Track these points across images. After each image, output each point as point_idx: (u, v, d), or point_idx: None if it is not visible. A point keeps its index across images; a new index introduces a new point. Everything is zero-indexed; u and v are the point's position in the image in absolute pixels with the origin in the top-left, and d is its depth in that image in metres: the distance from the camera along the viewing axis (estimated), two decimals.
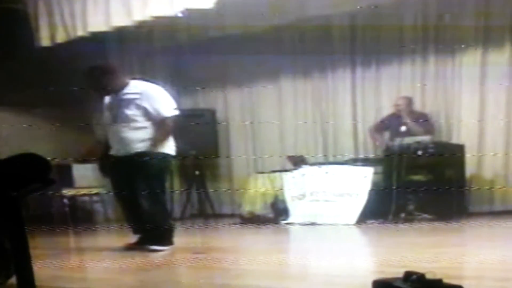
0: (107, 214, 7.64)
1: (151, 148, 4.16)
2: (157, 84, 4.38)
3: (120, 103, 4.23)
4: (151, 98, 4.18)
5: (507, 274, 2.79)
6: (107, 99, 4.38)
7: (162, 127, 4.18)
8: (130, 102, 4.20)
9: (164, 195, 4.40)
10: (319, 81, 7.45)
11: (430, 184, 5.75)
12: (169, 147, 4.29)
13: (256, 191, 6.70)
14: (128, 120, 4.18)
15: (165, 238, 4.28)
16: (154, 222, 4.24)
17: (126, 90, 4.26)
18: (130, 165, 4.16)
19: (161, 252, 4.14)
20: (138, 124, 4.18)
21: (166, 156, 4.27)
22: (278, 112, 7.64)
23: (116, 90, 4.27)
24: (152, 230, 4.26)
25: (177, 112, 4.26)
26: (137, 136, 4.19)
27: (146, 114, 4.17)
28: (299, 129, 7.53)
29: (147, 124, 4.18)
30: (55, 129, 7.32)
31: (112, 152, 4.36)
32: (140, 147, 4.18)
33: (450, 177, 5.92)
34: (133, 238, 4.46)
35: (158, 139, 4.17)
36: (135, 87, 4.27)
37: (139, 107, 4.18)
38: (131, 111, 4.18)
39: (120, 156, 4.26)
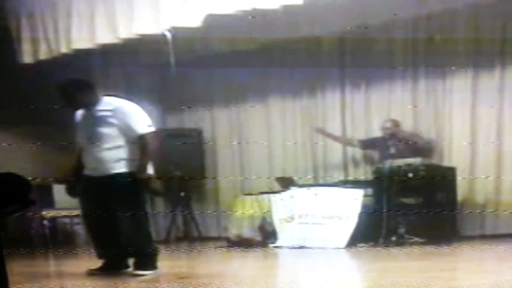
0: (89, 237, 7.45)
1: (134, 168, 4.01)
2: (132, 100, 4.26)
3: (93, 121, 4.10)
4: (123, 115, 4.04)
5: None
6: (79, 116, 4.23)
7: (140, 145, 4.02)
8: (102, 119, 4.08)
9: (144, 217, 4.22)
10: (308, 101, 7.42)
11: (421, 207, 5.70)
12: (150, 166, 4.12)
13: (243, 213, 6.58)
14: (101, 138, 4.05)
15: (148, 262, 4.12)
16: (135, 246, 4.10)
17: (98, 107, 4.13)
18: (106, 186, 4.02)
19: (145, 277, 3.98)
20: (112, 143, 4.03)
21: (149, 175, 4.10)
22: (266, 133, 7.58)
23: (87, 106, 4.14)
24: (135, 255, 4.12)
25: (152, 129, 4.09)
26: (112, 155, 4.04)
27: (120, 132, 4.03)
28: (287, 150, 7.46)
29: (121, 142, 4.03)
30: (35, 148, 7.18)
31: (86, 172, 4.21)
32: (116, 167, 4.03)
33: (441, 200, 5.88)
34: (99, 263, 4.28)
35: (140, 159, 4.02)
36: (108, 104, 4.14)
37: (111, 124, 4.04)
38: (103, 129, 4.04)
39: (95, 176, 4.11)
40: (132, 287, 3.70)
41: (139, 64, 7.36)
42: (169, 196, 7.55)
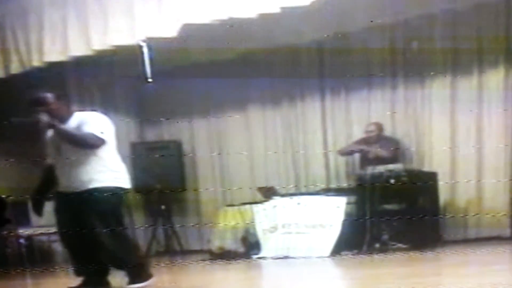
0: (67, 255, 7.28)
1: (97, 182, 3.94)
2: (107, 113, 4.21)
3: (61, 136, 4.00)
4: (83, 126, 3.97)
5: None
6: (49, 132, 4.11)
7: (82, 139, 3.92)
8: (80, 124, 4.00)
9: (123, 230, 4.13)
10: (288, 109, 7.40)
11: (404, 213, 5.68)
12: (121, 180, 4.06)
13: (225, 225, 6.51)
14: (69, 153, 3.96)
15: (140, 273, 4.05)
16: (119, 260, 4.03)
17: (68, 122, 4.05)
18: (80, 203, 3.95)
19: None
20: (80, 157, 3.95)
21: (118, 189, 4.03)
22: (247, 142, 7.53)
23: (62, 120, 4.04)
24: (125, 269, 4.06)
25: (103, 136, 3.97)
26: (81, 170, 3.96)
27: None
28: (269, 160, 7.42)
29: (85, 156, 3.96)
30: (9, 165, 7.00)
31: (60, 189, 4.11)
32: (86, 181, 3.95)
33: (423, 205, 5.88)
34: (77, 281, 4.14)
35: (71, 134, 3.91)
36: (76, 118, 4.06)
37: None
38: (68, 144, 3.95)
39: (68, 192, 4.02)
40: None
41: (114, 75, 7.27)
42: (150, 209, 7.47)
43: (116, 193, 4.01)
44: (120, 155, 4.19)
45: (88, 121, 4.00)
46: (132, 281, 4.02)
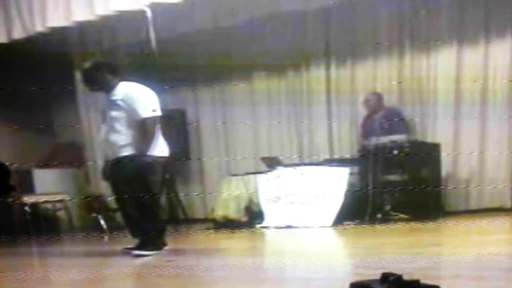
0: (72, 222, 7.36)
1: (134, 151, 4.13)
2: (146, 85, 4.32)
3: (108, 105, 4.23)
4: (130, 100, 4.15)
5: (483, 272, 2.76)
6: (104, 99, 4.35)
7: (140, 129, 4.12)
8: (114, 103, 4.20)
9: (151, 199, 4.26)
10: (293, 79, 7.35)
11: (406, 184, 5.72)
12: (158, 149, 4.22)
13: (229, 195, 6.57)
14: (112, 122, 4.18)
15: (151, 243, 4.22)
16: (141, 228, 4.22)
17: (114, 91, 4.23)
18: (117, 169, 4.16)
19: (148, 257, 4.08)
20: (120, 127, 4.15)
21: (156, 158, 4.20)
22: (251, 112, 7.50)
23: (106, 90, 4.26)
24: (141, 236, 4.25)
25: (157, 114, 4.19)
26: (119, 139, 4.16)
27: (127, 116, 4.15)
28: (273, 129, 7.42)
29: (127, 126, 4.15)
30: (12, 132, 7.01)
31: (106, 156, 4.35)
32: (123, 150, 4.14)
33: (426, 176, 5.90)
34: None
35: (138, 142, 4.15)
36: (122, 89, 4.24)
37: (120, 108, 4.16)
38: (114, 113, 4.17)
39: (109, 159, 4.25)
40: (119, 271, 3.68)
41: (117, 42, 7.21)
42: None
43: (150, 161, 4.15)
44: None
45: (138, 99, 4.15)
46: (143, 248, 4.17)
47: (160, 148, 4.27)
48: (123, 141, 4.15)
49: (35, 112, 6.70)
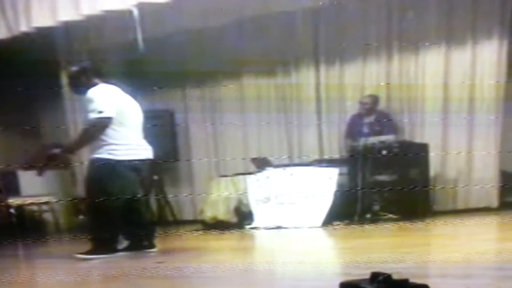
0: (58, 224, 7.31)
1: (66, 149, 4.26)
2: (118, 85, 4.36)
3: (84, 106, 4.25)
4: (87, 101, 4.17)
5: (471, 271, 2.78)
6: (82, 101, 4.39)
7: (87, 130, 4.18)
8: (84, 104, 4.22)
9: (120, 201, 4.24)
10: (282, 79, 7.36)
11: (395, 184, 5.76)
12: (111, 152, 4.19)
13: (218, 196, 6.57)
14: (82, 124, 4.32)
15: (103, 246, 4.24)
16: (104, 230, 4.24)
17: (88, 93, 4.22)
18: (88, 171, 4.24)
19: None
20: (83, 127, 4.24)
21: (108, 160, 4.18)
22: (240, 113, 7.49)
23: (81, 92, 4.28)
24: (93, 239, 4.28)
25: (103, 115, 4.14)
26: (83, 140, 4.23)
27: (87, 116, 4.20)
28: (262, 130, 7.43)
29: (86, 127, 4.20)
30: None
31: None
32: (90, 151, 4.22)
33: (414, 176, 5.95)
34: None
35: (72, 141, 4.28)
36: (93, 90, 4.23)
37: (85, 109, 4.20)
38: (84, 115, 4.22)
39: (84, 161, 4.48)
40: (107, 272, 3.66)
41: (104, 42, 7.17)
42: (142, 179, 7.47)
43: (108, 164, 4.14)
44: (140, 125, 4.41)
45: (91, 100, 4.15)
46: (89, 252, 4.20)
47: (132, 152, 4.28)
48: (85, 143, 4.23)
49: (21, 113, 6.63)
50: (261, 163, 6.62)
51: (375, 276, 1.70)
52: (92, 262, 4.12)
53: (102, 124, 4.13)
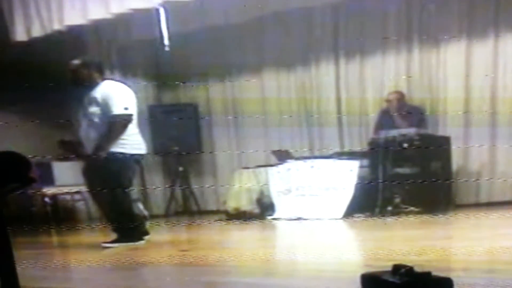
0: (90, 213, 7.54)
1: (100, 146, 4.25)
2: (127, 83, 4.49)
3: (89, 101, 4.32)
4: (106, 97, 4.26)
5: (494, 265, 2.77)
6: (84, 95, 4.42)
7: (110, 126, 4.25)
8: (94, 100, 4.31)
9: (124, 194, 4.36)
10: (303, 74, 7.38)
11: (417, 177, 5.73)
12: (131, 146, 4.33)
13: (241, 187, 6.63)
14: (91, 117, 4.29)
15: (125, 235, 4.36)
16: (113, 221, 4.42)
17: (96, 88, 4.33)
18: (95, 164, 4.27)
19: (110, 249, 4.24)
20: (97, 122, 4.27)
21: (126, 155, 4.31)
22: (262, 106, 7.55)
23: (89, 87, 4.35)
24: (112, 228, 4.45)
25: (128, 112, 4.28)
26: (95, 135, 4.28)
27: (101, 112, 4.27)
28: (283, 123, 7.46)
29: (102, 122, 4.27)
30: (33, 126, 7.19)
31: (85, 150, 4.43)
32: (98, 146, 4.25)
33: (436, 169, 5.90)
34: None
35: (105, 138, 4.25)
36: (103, 86, 4.35)
37: (98, 104, 4.27)
38: (93, 109, 4.29)
39: (88, 154, 4.34)
40: (135, 259, 3.75)
41: (132, 39, 7.30)
42: (168, 171, 7.60)
43: (120, 158, 4.26)
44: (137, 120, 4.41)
45: (112, 97, 4.24)
46: (113, 240, 4.34)
47: (136, 146, 4.38)
48: (98, 137, 4.27)
49: (54, 107, 6.85)
50: (282, 156, 6.66)
51: (397, 268, 1.71)
52: (119, 249, 4.24)
53: (127, 120, 4.26)
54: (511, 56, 6.23)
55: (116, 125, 4.24)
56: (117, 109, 4.23)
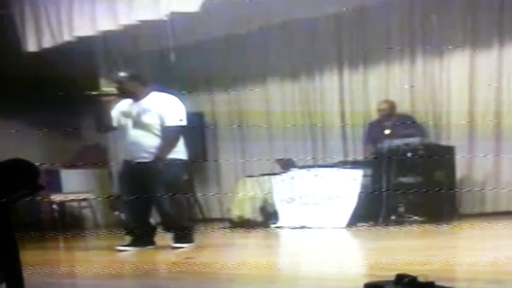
0: (96, 220, 7.60)
1: (159, 155, 4.47)
2: (174, 95, 4.72)
3: (139, 112, 4.54)
4: (162, 109, 4.51)
5: (499, 276, 2.77)
6: (126, 106, 4.63)
7: (166, 136, 4.49)
8: (147, 111, 4.54)
9: (181, 197, 4.69)
10: (307, 83, 7.42)
11: (420, 186, 5.72)
12: (182, 153, 4.62)
13: (245, 195, 6.64)
14: (145, 127, 4.51)
15: (186, 236, 4.58)
16: (175, 223, 4.58)
17: (147, 99, 4.58)
18: (147, 171, 4.45)
19: (183, 249, 4.45)
20: (154, 132, 4.50)
21: (179, 161, 4.60)
22: (266, 115, 7.59)
23: (138, 98, 4.57)
24: (174, 230, 4.61)
25: (182, 123, 4.56)
26: (151, 143, 4.50)
27: (155, 123, 4.50)
28: (287, 132, 7.49)
29: (155, 132, 4.51)
30: (42, 134, 7.30)
31: (128, 158, 4.64)
32: (149, 154, 4.49)
33: (440, 178, 5.89)
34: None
35: (163, 147, 4.48)
36: (155, 97, 4.60)
37: (152, 116, 4.51)
38: (145, 119, 4.51)
39: (137, 162, 4.53)
40: (139, 267, 3.77)
41: (139, 49, 7.39)
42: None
43: (176, 163, 4.55)
44: None
45: (167, 109, 4.50)
46: (178, 241, 4.54)
47: (183, 153, 4.64)
48: (152, 145, 4.49)
49: (63, 116, 6.98)
50: (286, 164, 6.67)
51: (400, 278, 1.72)
52: (126, 255, 4.30)
53: (181, 131, 4.55)
54: None
55: (172, 136, 4.50)
56: (173, 121, 4.49)
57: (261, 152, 7.47)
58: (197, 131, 7.63)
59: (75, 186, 7.14)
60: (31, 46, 6.49)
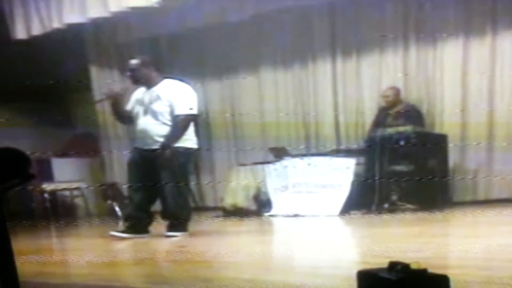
0: (88, 208, 7.57)
1: (167, 143, 4.44)
2: (186, 83, 4.67)
3: (150, 99, 4.51)
4: (172, 96, 4.47)
5: (491, 263, 2.78)
6: (138, 93, 4.60)
7: (176, 124, 4.46)
8: (158, 98, 4.49)
9: (187, 186, 4.71)
10: (300, 71, 7.39)
11: (413, 174, 5.74)
12: (191, 142, 4.60)
13: (238, 184, 6.65)
14: (155, 115, 4.47)
15: (179, 225, 4.56)
16: (176, 212, 4.54)
17: (159, 86, 4.52)
18: (155, 158, 4.42)
19: (176, 238, 4.44)
20: (163, 120, 4.47)
21: (188, 149, 4.56)
22: (259, 104, 7.57)
23: (150, 85, 4.53)
24: (172, 219, 4.57)
25: (193, 112, 4.53)
26: (160, 131, 4.47)
27: (166, 110, 4.47)
28: (280, 121, 7.47)
29: (165, 119, 4.47)
30: (33, 123, 7.26)
31: (137, 145, 4.61)
32: (159, 141, 4.46)
33: (433, 167, 5.91)
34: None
35: (171, 135, 4.46)
36: (166, 85, 4.55)
37: (162, 103, 4.47)
38: (155, 106, 4.47)
39: (145, 149, 4.51)
40: (131, 255, 3.77)
41: (130, 36, 7.31)
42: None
43: (185, 152, 4.51)
44: None
45: (178, 97, 4.45)
46: (173, 229, 4.51)
47: (193, 141, 4.63)
48: (160, 133, 4.45)
49: (54, 105, 6.94)
50: (279, 153, 6.67)
51: (393, 265, 1.71)
52: (119, 243, 4.29)
53: (191, 120, 4.52)
54: (508, 54, 6.22)
55: (181, 124, 4.46)
56: (183, 110, 4.45)
57: (254, 140, 7.46)
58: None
59: (66, 175, 7.11)
60: (20, 33, 6.41)
